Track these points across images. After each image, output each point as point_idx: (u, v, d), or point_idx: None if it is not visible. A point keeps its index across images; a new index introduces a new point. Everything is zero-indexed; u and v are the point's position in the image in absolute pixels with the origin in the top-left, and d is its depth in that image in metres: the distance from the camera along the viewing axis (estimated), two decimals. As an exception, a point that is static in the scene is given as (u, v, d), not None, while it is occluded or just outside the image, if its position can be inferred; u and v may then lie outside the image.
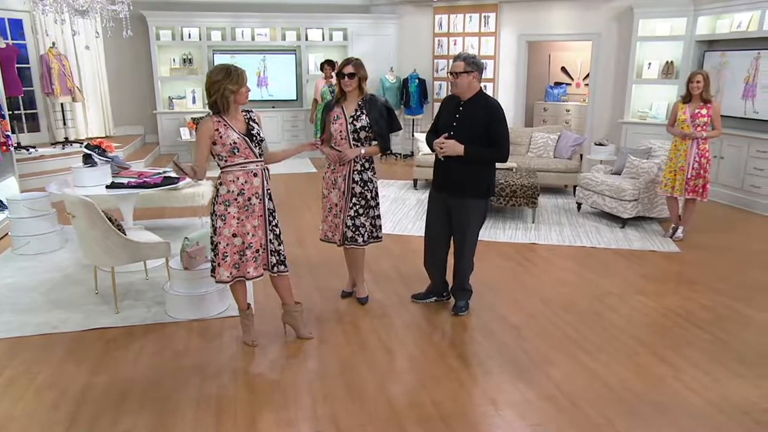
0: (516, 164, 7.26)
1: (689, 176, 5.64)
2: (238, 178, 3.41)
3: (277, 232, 3.59)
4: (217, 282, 3.57)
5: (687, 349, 3.69)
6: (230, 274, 3.50)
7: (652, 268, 5.13)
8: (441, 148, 3.78)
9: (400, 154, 10.61)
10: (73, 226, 4.21)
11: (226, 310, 4.16)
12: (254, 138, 3.42)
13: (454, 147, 3.74)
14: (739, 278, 4.90)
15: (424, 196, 7.31)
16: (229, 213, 3.43)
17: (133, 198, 5.12)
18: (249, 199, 3.45)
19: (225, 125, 3.35)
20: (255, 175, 3.45)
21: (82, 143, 7.13)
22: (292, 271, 4.93)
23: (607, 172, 6.83)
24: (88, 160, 5.11)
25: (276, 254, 3.60)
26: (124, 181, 5.07)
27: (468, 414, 3.02)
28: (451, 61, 6.09)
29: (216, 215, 3.45)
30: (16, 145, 7.48)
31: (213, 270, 3.57)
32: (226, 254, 3.46)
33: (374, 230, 4.23)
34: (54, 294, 4.51)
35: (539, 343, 3.77)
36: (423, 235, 4.27)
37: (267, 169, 3.54)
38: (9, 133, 6.61)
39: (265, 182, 3.50)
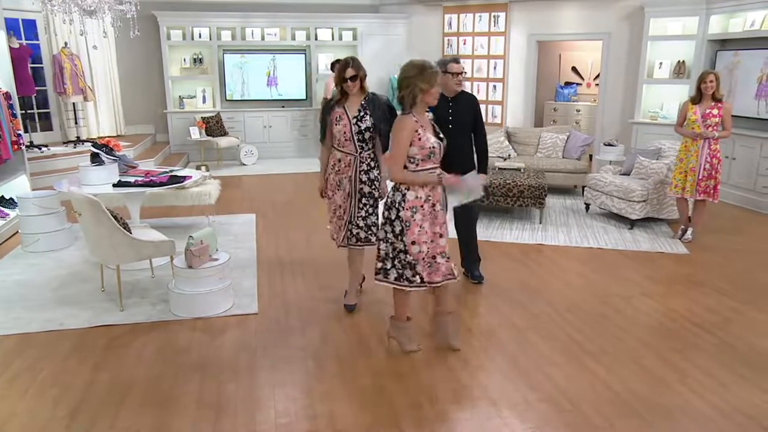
0: (524, 164, 7.21)
1: (700, 177, 5.57)
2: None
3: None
4: (424, 283, 3.38)
5: (692, 352, 3.65)
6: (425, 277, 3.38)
7: (660, 270, 5.08)
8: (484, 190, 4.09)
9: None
10: (80, 224, 4.26)
11: (230, 308, 4.19)
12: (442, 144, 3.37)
13: (484, 180, 4.06)
14: (748, 281, 4.83)
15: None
16: (414, 220, 3.29)
17: (140, 196, 5.16)
18: (433, 206, 3.34)
19: (422, 127, 3.26)
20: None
21: (93, 142, 7.19)
22: (297, 269, 4.98)
23: (616, 172, 6.77)
24: (95, 159, 5.16)
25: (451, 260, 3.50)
26: (131, 179, 5.12)
27: (468, 415, 3.01)
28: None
29: (401, 221, 3.29)
30: (28, 144, 7.58)
31: (402, 277, 3.36)
32: (416, 261, 3.34)
33: None
34: (62, 291, 4.56)
35: (542, 345, 3.74)
36: None
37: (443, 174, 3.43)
38: (21, 132, 6.68)
39: (445, 190, 3.42)
